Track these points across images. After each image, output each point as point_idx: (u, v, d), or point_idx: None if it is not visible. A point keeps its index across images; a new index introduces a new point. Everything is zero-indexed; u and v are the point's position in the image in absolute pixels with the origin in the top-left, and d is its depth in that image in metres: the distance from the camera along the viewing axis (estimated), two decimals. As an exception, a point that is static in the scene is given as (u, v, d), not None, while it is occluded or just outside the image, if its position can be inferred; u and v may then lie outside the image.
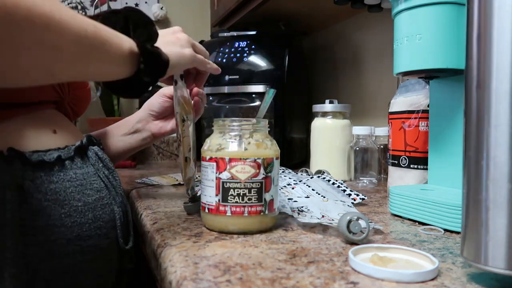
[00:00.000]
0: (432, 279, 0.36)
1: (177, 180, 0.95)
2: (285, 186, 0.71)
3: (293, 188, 0.70)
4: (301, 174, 0.87)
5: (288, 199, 0.65)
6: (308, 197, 0.67)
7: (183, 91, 0.61)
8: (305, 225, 0.55)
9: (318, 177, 0.77)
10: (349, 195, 0.70)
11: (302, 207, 0.60)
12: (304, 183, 0.72)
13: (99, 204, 0.57)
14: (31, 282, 0.50)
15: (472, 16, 0.33)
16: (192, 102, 0.65)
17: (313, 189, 0.70)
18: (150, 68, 0.48)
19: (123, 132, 0.77)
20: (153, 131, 0.77)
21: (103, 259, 0.56)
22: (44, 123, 0.58)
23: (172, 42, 0.56)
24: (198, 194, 0.62)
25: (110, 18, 0.47)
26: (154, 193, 0.82)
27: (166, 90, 0.76)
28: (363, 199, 0.69)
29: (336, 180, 0.75)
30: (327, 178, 0.76)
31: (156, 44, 0.50)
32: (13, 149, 0.51)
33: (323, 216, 0.55)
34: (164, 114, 0.77)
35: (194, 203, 0.61)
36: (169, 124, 0.77)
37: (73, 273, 0.53)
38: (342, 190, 0.71)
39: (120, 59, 0.45)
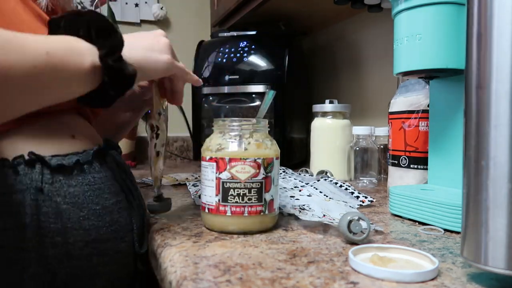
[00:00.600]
0: (432, 279, 0.36)
1: (177, 180, 0.95)
2: (292, 189, 0.71)
3: (300, 191, 0.70)
4: (304, 175, 0.87)
5: (290, 197, 0.65)
6: (311, 195, 0.67)
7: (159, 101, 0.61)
8: (306, 224, 0.55)
9: (324, 178, 0.77)
10: (357, 197, 0.70)
11: (304, 205, 0.60)
12: (311, 186, 0.73)
13: (117, 208, 0.57)
14: (50, 284, 0.50)
15: (472, 16, 0.33)
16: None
17: (320, 191, 0.70)
18: (114, 81, 0.47)
19: (106, 125, 0.76)
20: (117, 123, 0.77)
21: (120, 262, 0.57)
22: (63, 129, 0.58)
23: (151, 47, 0.54)
24: (163, 194, 0.63)
25: (74, 23, 0.46)
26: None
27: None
28: (371, 201, 0.69)
29: (344, 182, 0.75)
30: (334, 181, 0.76)
31: (133, 48, 0.49)
32: (33, 153, 0.52)
33: (324, 215, 0.55)
34: (131, 104, 0.76)
35: (159, 203, 0.61)
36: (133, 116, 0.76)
37: (90, 276, 0.54)
38: (350, 192, 0.71)
39: (81, 77, 0.44)
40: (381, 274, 0.36)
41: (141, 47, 0.52)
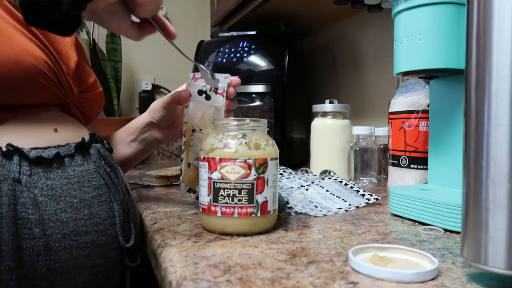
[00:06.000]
0: (432, 279, 0.36)
1: (169, 180, 0.94)
2: (299, 188, 0.71)
3: (307, 190, 0.70)
4: (308, 175, 0.87)
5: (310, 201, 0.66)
6: (319, 193, 0.69)
7: (219, 106, 0.62)
8: (306, 224, 0.55)
9: (328, 177, 0.78)
10: (363, 195, 0.70)
11: (313, 203, 0.62)
12: (317, 184, 0.73)
13: (97, 201, 0.57)
14: (29, 278, 0.50)
15: (472, 16, 0.33)
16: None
17: (327, 190, 0.70)
18: None
19: (129, 139, 0.75)
20: (158, 138, 0.74)
21: (102, 256, 0.57)
22: (45, 123, 0.59)
23: None
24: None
25: None
26: (154, 193, 0.82)
27: (165, 99, 0.69)
28: (377, 199, 0.69)
29: (348, 181, 0.75)
30: (339, 179, 0.76)
31: None
32: (12, 145, 0.53)
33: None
34: (166, 123, 0.73)
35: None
36: (173, 135, 0.75)
37: (71, 269, 0.54)
38: (355, 190, 0.71)
39: None
40: (381, 274, 0.36)
41: None
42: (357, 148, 0.93)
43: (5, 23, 0.56)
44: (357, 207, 0.66)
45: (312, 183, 0.74)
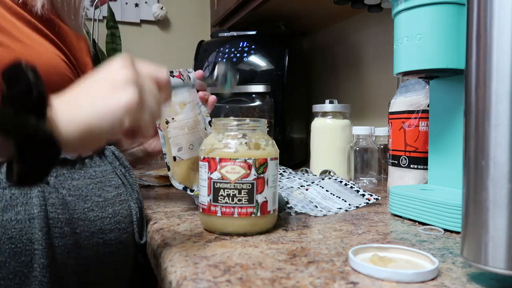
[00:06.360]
0: (432, 279, 0.36)
1: (169, 180, 0.94)
2: (299, 188, 0.72)
3: (307, 190, 0.70)
4: (308, 175, 0.87)
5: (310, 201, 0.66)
6: (319, 193, 0.69)
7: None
8: (306, 224, 0.55)
9: (328, 177, 0.78)
10: (363, 195, 0.70)
11: (313, 203, 0.63)
12: (317, 184, 0.73)
13: (118, 200, 0.59)
14: (61, 274, 0.52)
15: (472, 16, 0.33)
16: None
17: (327, 190, 0.70)
18: (28, 144, 0.32)
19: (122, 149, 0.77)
20: (148, 150, 0.78)
21: (122, 253, 0.59)
22: None
23: (103, 90, 0.37)
24: None
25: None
26: (154, 193, 0.82)
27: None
28: (377, 199, 0.69)
29: (348, 181, 0.75)
30: (339, 179, 0.76)
31: (76, 103, 0.36)
32: None
33: (329, 210, 0.56)
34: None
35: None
36: (156, 143, 0.77)
37: (97, 266, 0.56)
38: (355, 190, 0.71)
39: None
40: (381, 274, 0.36)
41: (89, 96, 0.37)
42: (357, 148, 0.93)
43: (30, 37, 0.55)
44: (357, 207, 0.66)
45: (312, 183, 0.74)
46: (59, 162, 0.54)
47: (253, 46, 1.23)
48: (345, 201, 0.68)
